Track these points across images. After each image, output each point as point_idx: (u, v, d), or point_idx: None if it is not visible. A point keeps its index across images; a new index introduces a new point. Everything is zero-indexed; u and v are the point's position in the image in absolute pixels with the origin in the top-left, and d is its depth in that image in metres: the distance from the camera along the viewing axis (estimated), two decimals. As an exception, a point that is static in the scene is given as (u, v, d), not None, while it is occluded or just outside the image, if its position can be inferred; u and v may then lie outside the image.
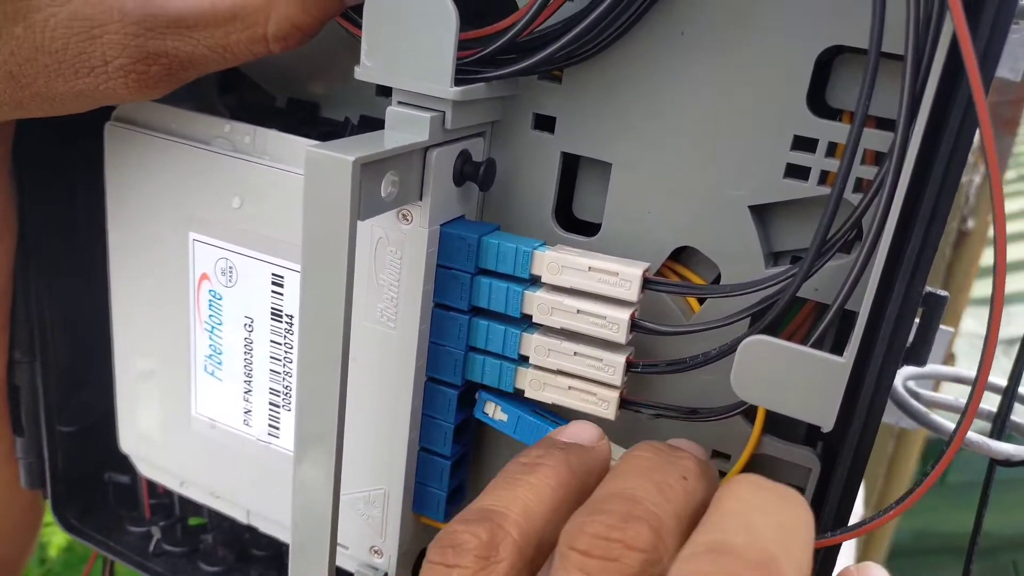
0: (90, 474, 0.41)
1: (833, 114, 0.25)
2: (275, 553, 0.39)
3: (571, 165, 0.30)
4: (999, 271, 0.21)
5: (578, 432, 0.26)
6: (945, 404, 0.38)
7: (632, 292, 0.26)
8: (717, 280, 0.28)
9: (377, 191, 0.25)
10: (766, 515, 0.20)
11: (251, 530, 0.37)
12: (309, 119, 0.34)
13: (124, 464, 0.39)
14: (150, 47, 0.25)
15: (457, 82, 0.26)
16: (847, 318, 0.24)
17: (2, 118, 0.28)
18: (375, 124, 0.32)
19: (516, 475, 0.24)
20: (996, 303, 0.21)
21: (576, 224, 0.30)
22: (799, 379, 0.23)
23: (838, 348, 0.26)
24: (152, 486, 0.40)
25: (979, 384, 0.21)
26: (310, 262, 0.24)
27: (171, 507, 0.41)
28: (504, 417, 0.29)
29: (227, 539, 0.40)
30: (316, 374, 0.25)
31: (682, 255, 0.29)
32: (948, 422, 0.33)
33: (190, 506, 0.40)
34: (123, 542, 0.40)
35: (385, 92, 0.27)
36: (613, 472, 0.24)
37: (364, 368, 0.29)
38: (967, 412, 0.22)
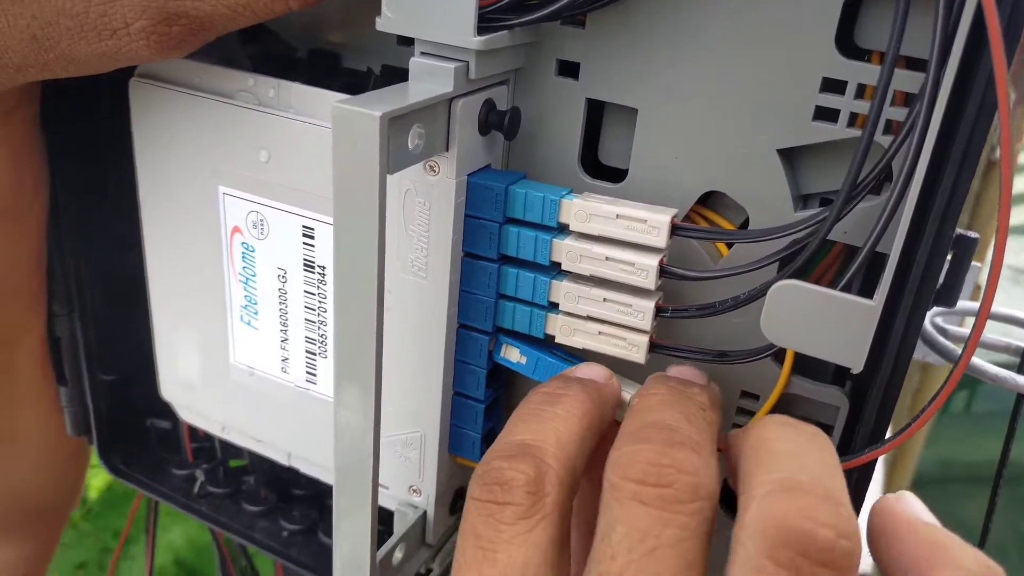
0: (133, 420, 0.42)
1: (862, 54, 0.25)
2: (315, 492, 0.41)
3: (596, 111, 0.29)
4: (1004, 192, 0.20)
5: (590, 371, 0.27)
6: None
7: (660, 239, 0.26)
8: (745, 224, 0.28)
9: (404, 144, 0.25)
10: (811, 455, 0.21)
11: (291, 471, 0.38)
12: (331, 70, 0.33)
13: (165, 410, 0.40)
14: (170, 8, 0.25)
15: (480, 31, 0.25)
16: (875, 260, 0.24)
17: (29, 79, 0.28)
18: (397, 74, 0.32)
19: (542, 406, 0.25)
20: (1001, 227, 0.21)
21: (602, 170, 0.30)
22: (829, 322, 0.24)
23: (865, 291, 0.26)
24: (193, 430, 0.41)
25: (983, 309, 0.22)
26: (342, 217, 0.24)
27: (212, 450, 0.42)
28: (523, 360, 0.30)
29: (268, 480, 0.41)
30: (353, 325, 0.25)
31: (710, 200, 0.29)
32: (975, 359, 0.33)
33: (230, 449, 0.41)
34: (168, 484, 0.42)
35: (407, 42, 0.27)
36: (637, 407, 0.25)
37: (397, 317, 0.30)
38: (972, 337, 0.23)
